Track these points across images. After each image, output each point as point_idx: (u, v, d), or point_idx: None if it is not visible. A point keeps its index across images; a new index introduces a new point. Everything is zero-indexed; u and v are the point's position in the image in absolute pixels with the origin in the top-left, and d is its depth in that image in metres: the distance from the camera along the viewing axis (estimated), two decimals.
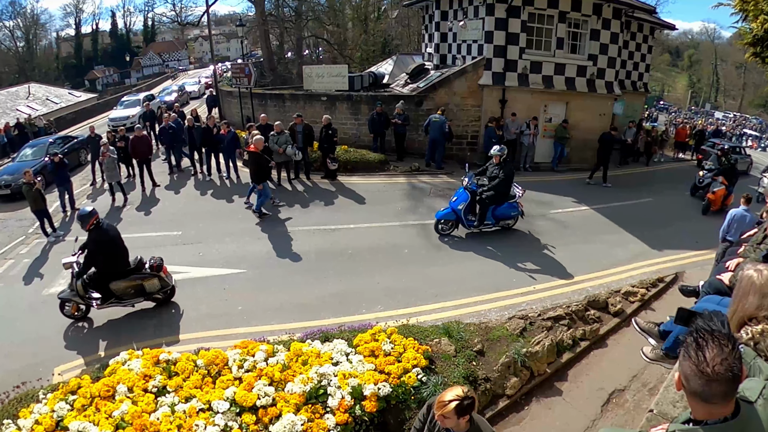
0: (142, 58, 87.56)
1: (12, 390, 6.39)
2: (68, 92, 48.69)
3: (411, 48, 40.49)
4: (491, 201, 11.12)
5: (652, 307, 8.54)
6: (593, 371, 6.86)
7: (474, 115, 18.37)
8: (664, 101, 71.30)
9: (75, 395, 5.89)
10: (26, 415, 5.63)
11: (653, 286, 9.05)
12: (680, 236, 11.95)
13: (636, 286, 8.92)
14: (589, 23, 17.99)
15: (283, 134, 14.64)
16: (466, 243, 11.32)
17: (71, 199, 14.27)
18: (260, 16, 31.45)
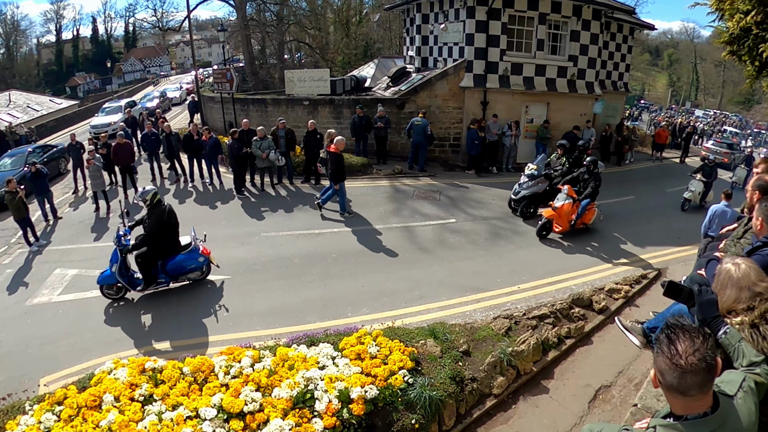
0: (124, 64, 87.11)
1: None
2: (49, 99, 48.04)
3: (393, 51, 40.58)
4: None
5: (636, 304, 8.64)
6: (579, 368, 6.91)
7: (456, 117, 18.47)
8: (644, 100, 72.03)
9: (62, 406, 5.85)
10: (13, 427, 5.60)
11: (637, 283, 9.16)
12: (663, 233, 12.10)
13: (620, 283, 9.02)
14: (569, 24, 18.19)
15: (266, 139, 14.65)
16: (449, 245, 11.37)
17: (52, 209, 14.09)
18: (242, 21, 31.34)
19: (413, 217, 12.85)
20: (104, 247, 11.89)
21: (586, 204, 11.40)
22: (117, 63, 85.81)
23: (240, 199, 14.65)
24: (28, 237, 12.28)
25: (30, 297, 9.86)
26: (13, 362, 7.83)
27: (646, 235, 11.91)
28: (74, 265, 11.04)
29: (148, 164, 17.21)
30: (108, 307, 9.14)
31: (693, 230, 10.33)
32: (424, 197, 14.47)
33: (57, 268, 10.95)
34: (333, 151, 12.44)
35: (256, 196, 14.89)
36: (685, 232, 11.66)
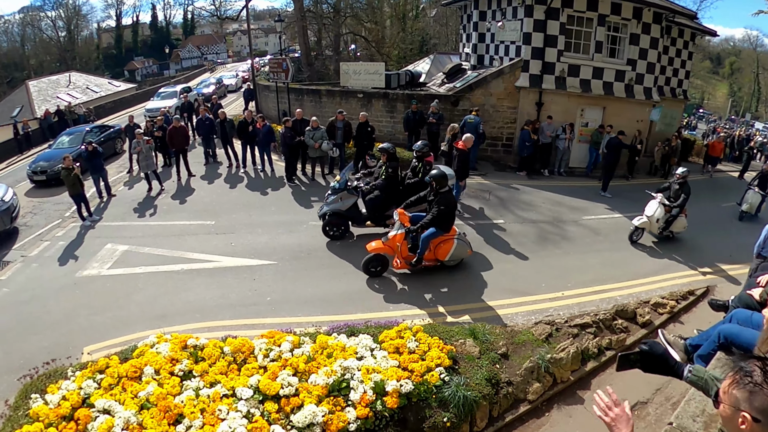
0: (181, 51, 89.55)
1: (41, 366, 6.64)
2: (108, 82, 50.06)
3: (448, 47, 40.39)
4: None
5: (680, 320, 8.40)
6: (617, 382, 6.78)
7: (510, 117, 18.24)
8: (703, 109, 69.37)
9: (103, 374, 6.12)
10: (54, 391, 5.85)
11: (683, 299, 8.88)
12: (714, 249, 11.67)
13: (665, 298, 8.77)
14: (629, 27, 17.67)
15: (319, 130, 14.86)
16: (496, 245, 11.28)
17: (107, 186, 14.78)
18: (299, 12, 31.69)
19: (461, 215, 12.81)
20: (155, 225, 12.44)
21: (429, 235, 9.00)
22: (175, 49, 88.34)
23: (290, 187, 14.95)
24: (81, 212, 12.92)
25: (80, 269, 10.35)
26: (60, 330, 8.24)
27: (696, 250, 11.48)
28: (124, 241, 11.53)
29: (201, 148, 17.76)
30: (153, 284, 9.51)
31: (746, 248, 9.93)
32: (474, 196, 14.38)
33: (108, 243, 11.46)
34: (461, 148, 12.31)
35: (307, 185, 15.17)
36: (738, 250, 11.20)
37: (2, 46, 78.87)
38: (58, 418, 5.48)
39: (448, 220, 9.05)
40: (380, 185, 10.66)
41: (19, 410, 5.92)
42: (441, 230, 9.02)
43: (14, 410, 6.00)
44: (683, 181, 11.50)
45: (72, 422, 5.44)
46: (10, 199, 12.92)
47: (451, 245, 9.17)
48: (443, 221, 8.94)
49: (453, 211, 9.20)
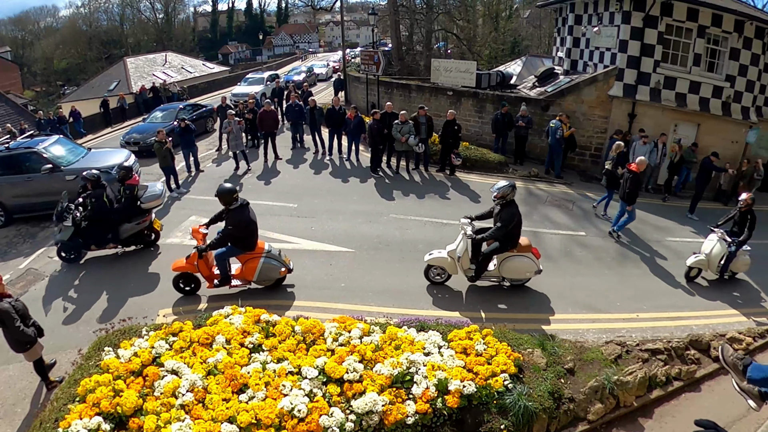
0: (274, 38, 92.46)
1: (118, 322, 7.19)
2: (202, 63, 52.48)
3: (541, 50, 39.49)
4: None
5: (755, 359, 7.98)
6: (681, 414, 6.61)
7: (600, 127, 17.76)
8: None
9: (175, 337, 6.54)
10: (127, 347, 6.30)
11: (761, 337, 8.39)
12: None
13: (743, 333, 8.33)
14: (729, 41, 16.67)
15: (407, 124, 15.02)
16: (575, 258, 11.13)
17: (196, 162, 15.70)
18: (392, 6, 31.98)
19: (543, 224, 12.69)
20: None
21: (221, 254, 8.41)
22: (268, 36, 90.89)
23: (374, 179, 15.24)
24: (170, 183, 13.84)
25: (164, 237, 11.06)
26: (139, 291, 8.91)
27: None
28: (208, 215, 11.80)
29: (290, 133, 18.42)
30: None
31: None
32: (557, 205, 14.20)
33: (192, 216, 12.18)
34: (634, 171, 11.65)
35: (390, 178, 15.43)
36: None
37: (102, 25, 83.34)
38: (128, 372, 5.87)
39: (244, 238, 8.45)
40: (88, 215, 9.90)
41: (90, 360, 6.39)
42: (237, 249, 8.49)
43: (86, 359, 6.49)
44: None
45: (140, 378, 5.83)
46: (131, 165, 13.28)
47: (257, 264, 8.53)
48: (236, 240, 8.40)
49: (247, 230, 8.43)
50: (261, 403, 5.46)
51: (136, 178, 11.26)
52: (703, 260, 10.17)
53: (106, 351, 6.27)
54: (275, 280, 8.96)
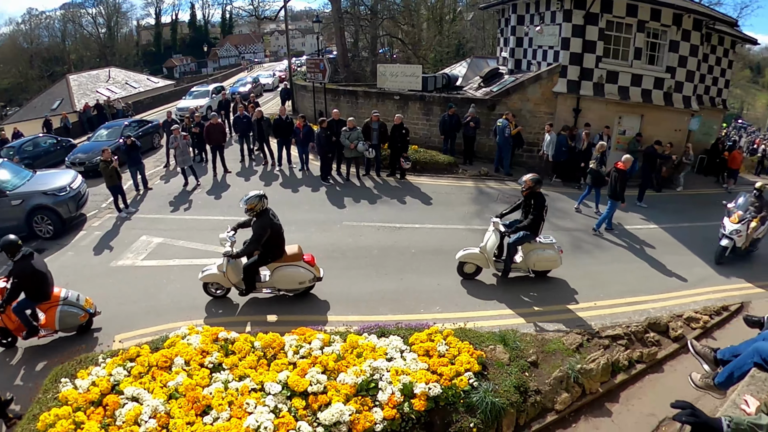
0: (219, 50, 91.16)
1: (74, 351, 6.87)
2: (147, 78, 51.15)
3: (485, 51, 40.10)
4: None
5: (713, 336, 8.24)
6: (646, 396, 6.72)
7: (546, 123, 18.07)
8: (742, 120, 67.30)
9: (133, 363, 6.28)
10: (84, 376, 6.04)
11: (717, 314, 8.70)
12: (751, 264, 11.39)
13: (699, 312, 8.62)
14: (669, 34, 17.29)
15: (355, 130, 15.02)
16: None
17: (144, 179, 15.23)
18: (336, 13, 31.97)
19: None
20: (189, 219, 12.77)
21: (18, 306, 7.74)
22: (213, 48, 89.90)
23: (325, 187, 15.11)
24: (118, 204, 13.35)
25: (115, 259, 10.68)
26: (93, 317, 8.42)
27: (731, 264, 11.18)
28: (159, 233, 11.84)
29: (238, 145, 18.10)
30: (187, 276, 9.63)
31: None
32: (508, 201, 14.25)
33: (143, 235, 11.78)
34: (621, 169, 12.15)
35: (341, 185, 15.33)
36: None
37: (44, 41, 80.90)
38: (87, 402, 5.65)
39: (33, 289, 7.78)
40: None
41: (48, 393, 6.09)
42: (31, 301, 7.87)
43: (44, 392, 6.17)
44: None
45: (100, 407, 5.61)
46: (78, 186, 13.09)
47: (55, 313, 7.94)
48: (27, 291, 7.75)
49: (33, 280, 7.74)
50: (226, 423, 5.33)
51: None
52: (473, 254, 9.47)
53: (63, 382, 6.05)
54: (78, 327, 8.26)
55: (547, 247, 9.42)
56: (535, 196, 9.12)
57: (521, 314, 8.61)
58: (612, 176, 12.28)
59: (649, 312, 8.74)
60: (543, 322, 8.37)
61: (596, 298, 9.21)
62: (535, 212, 9.02)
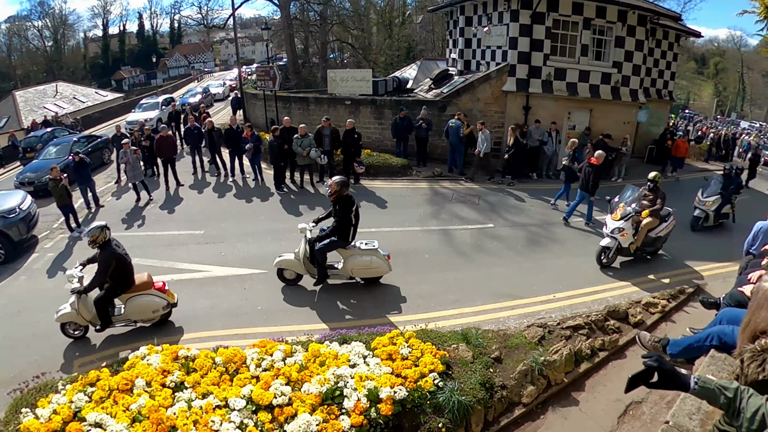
0: (168, 60, 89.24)
1: (31, 380, 6.53)
2: (95, 91, 49.90)
3: (435, 53, 40.47)
4: None
5: (672, 319, 8.41)
6: (611, 382, 6.79)
7: (497, 122, 18.32)
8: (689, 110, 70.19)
9: (94, 387, 6.02)
10: (44, 405, 5.75)
11: (674, 298, 8.91)
12: (703, 248, 11.76)
13: (657, 297, 8.80)
14: (614, 30, 17.82)
15: (306, 137, 14.90)
16: (486, 250, 11.32)
17: (95, 197, 14.67)
18: (285, 20, 31.76)
19: (451, 221, 12.85)
20: (143, 235, 12.35)
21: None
22: (162, 58, 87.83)
23: (279, 195, 14.93)
24: (70, 223, 12.83)
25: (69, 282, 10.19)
26: (49, 343, 8.12)
27: (686, 249, 11.54)
28: None
29: (190, 157, 17.69)
30: None
31: (736, 247, 10.03)
32: (463, 201, 14.45)
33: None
34: (594, 164, 12.38)
35: (296, 193, 15.17)
36: (727, 249, 11.33)
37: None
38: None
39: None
40: None
41: (9, 425, 5.81)
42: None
43: (5, 425, 5.89)
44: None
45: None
46: (28, 207, 12.58)
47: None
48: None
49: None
50: None
51: None
52: (289, 260, 9.35)
53: (24, 413, 5.72)
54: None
55: (366, 254, 9.06)
56: (341, 201, 8.74)
57: (482, 311, 8.61)
58: (585, 171, 12.56)
59: (608, 300, 8.87)
60: (504, 317, 8.40)
61: (555, 291, 9.31)
62: (340, 217, 8.73)
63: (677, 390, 2.74)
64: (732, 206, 13.72)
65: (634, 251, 10.46)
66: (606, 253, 10.41)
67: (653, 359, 2.76)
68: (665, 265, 10.77)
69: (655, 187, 10.52)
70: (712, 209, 13.16)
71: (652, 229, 10.47)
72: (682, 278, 10.03)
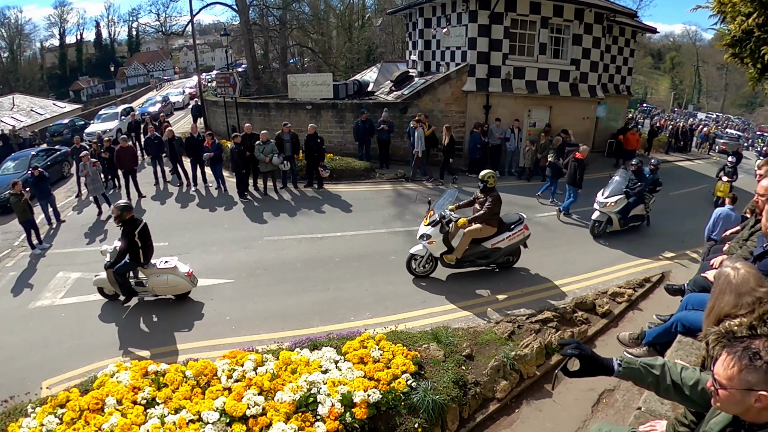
0: (127, 69, 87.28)
1: (0, 404, 6.33)
2: (53, 103, 48.37)
3: (395, 56, 40.70)
4: None
5: (639, 307, 8.58)
6: None
7: (459, 121, 18.49)
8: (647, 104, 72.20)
9: (64, 409, 5.85)
10: (15, 430, 5.61)
11: (640, 287, 9.12)
12: (666, 236, 12.08)
13: (623, 287, 8.98)
14: (572, 28, 18.22)
15: (268, 143, 14.76)
16: None
17: (55, 212, 14.19)
18: (245, 26, 31.46)
19: (416, 222, 12.77)
20: None
21: None
22: (120, 67, 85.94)
23: (243, 203, 14.73)
24: (31, 240, 12.39)
25: (33, 300, 9.89)
26: (16, 365, 7.84)
27: (650, 238, 11.90)
28: (77, 268, 11.09)
29: (151, 168, 17.31)
30: (110, 311, 9.15)
31: (697, 234, 10.33)
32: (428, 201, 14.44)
33: (60, 272, 11.00)
34: (579, 158, 12.92)
35: (259, 200, 14.97)
36: (689, 236, 11.65)
37: None
38: None
39: None
40: None
41: None
42: None
43: None
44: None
45: None
46: None
47: None
48: None
49: None
50: None
51: None
52: (102, 279, 9.24)
53: None
54: None
55: (163, 273, 8.94)
56: (125, 224, 8.61)
57: (450, 310, 8.64)
58: (571, 166, 12.92)
59: (575, 293, 9.00)
60: (473, 315, 8.43)
61: (522, 286, 9.39)
62: (125, 241, 8.57)
63: (602, 375, 2.69)
64: (646, 207, 12.49)
65: (455, 262, 9.41)
66: (417, 261, 9.65)
67: (572, 346, 2.70)
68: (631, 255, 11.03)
69: (486, 187, 9.28)
70: (615, 211, 11.72)
71: (487, 238, 9.40)
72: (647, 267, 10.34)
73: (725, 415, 2.21)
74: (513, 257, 9.92)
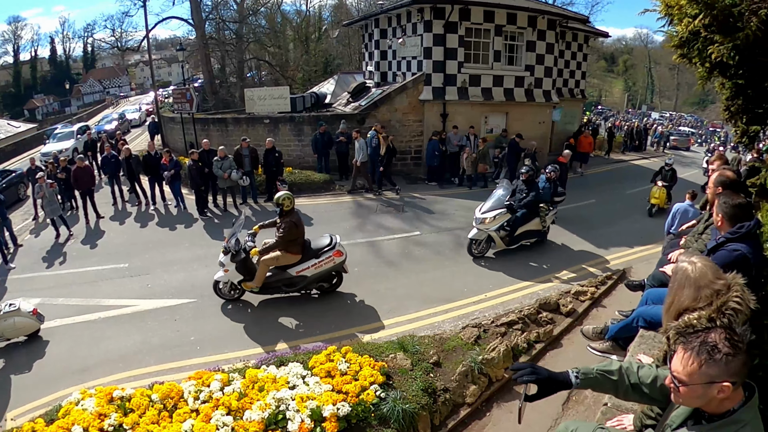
0: (83, 86, 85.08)
1: None
2: (7, 123, 46.66)
3: (352, 67, 40.86)
4: None
5: (602, 304, 8.75)
6: None
7: (416, 130, 18.68)
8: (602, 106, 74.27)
9: None
10: None
11: (602, 284, 9.32)
12: (626, 234, 12.40)
13: (585, 285, 9.15)
14: (525, 35, 18.63)
15: (227, 159, 14.56)
16: (415, 257, 11.41)
17: (12, 236, 13.60)
18: (201, 40, 31.15)
19: (377, 232, 12.89)
20: (66, 273, 11.62)
21: None
22: (76, 84, 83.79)
23: (203, 221, 14.49)
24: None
25: None
26: None
27: (609, 236, 12.18)
28: (36, 293, 10.64)
29: (108, 188, 16.90)
30: (72, 336, 8.88)
31: (657, 229, 10.62)
32: (388, 211, 14.56)
33: (19, 297, 10.53)
34: (562, 162, 13.78)
35: (220, 217, 14.75)
36: (649, 232, 11.99)
37: None
38: None
39: None
40: None
41: None
42: None
43: None
44: None
45: None
46: None
47: None
48: None
49: None
50: None
51: None
52: None
53: None
54: None
55: (9, 317, 8.53)
56: None
57: (417, 318, 8.65)
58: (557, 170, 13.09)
59: (539, 294, 9.13)
60: (439, 321, 8.47)
61: (486, 290, 9.49)
62: None
63: (562, 390, 2.69)
64: (542, 221, 11.19)
65: (257, 290, 9.12)
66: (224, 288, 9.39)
67: (526, 372, 2.66)
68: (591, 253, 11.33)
69: (282, 211, 8.85)
70: (494, 228, 10.60)
71: (292, 265, 9.00)
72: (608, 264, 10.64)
73: (685, 408, 2.25)
74: (330, 283, 9.48)
